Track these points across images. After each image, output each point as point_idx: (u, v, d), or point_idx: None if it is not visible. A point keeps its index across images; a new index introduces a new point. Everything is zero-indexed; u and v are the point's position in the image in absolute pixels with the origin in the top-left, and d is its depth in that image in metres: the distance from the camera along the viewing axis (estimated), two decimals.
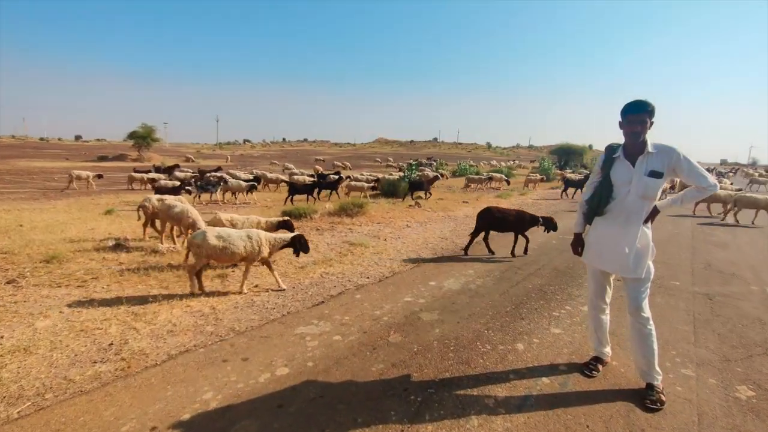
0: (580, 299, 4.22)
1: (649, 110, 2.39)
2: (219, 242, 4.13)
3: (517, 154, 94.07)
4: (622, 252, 2.51)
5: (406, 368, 2.82)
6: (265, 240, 4.33)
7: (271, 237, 4.42)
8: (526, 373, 2.76)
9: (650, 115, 2.39)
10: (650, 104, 2.39)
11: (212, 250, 4.10)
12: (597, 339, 2.85)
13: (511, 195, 15.06)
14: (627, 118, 2.46)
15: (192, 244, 4.19)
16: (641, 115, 2.40)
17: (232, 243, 4.16)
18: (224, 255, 4.17)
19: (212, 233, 4.18)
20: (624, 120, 2.49)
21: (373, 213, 9.50)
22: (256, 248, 4.26)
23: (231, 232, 4.27)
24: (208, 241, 4.11)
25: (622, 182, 2.52)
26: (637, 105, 2.40)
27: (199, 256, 4.16)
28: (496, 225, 6.23)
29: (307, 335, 3.30)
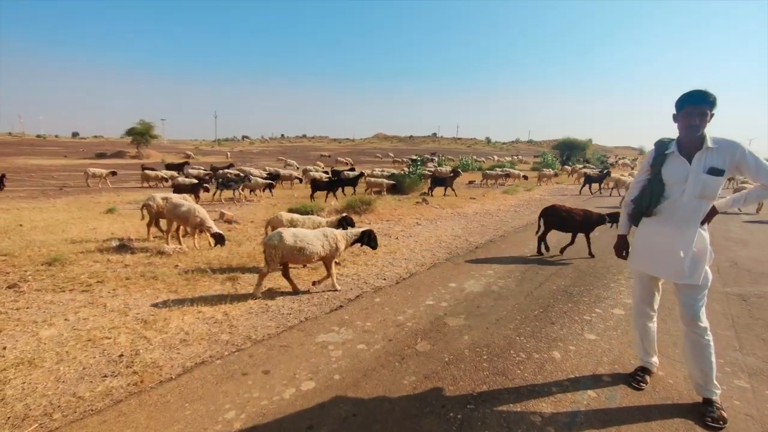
0: (608, 301, 4.04)
1: (711, 101, 2.18)
2: (296, 243, 3.93)
3: (517, 149, 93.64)
4: (677, 256, 2.31)
5: (440, 380, 2.63)
6: (340, 237, 4.22)
7: (344, 233, 4.31)
8: (568, 386, 2.58)
9: (711, 106, 2.19)
10: (712, 95, 2.18)
11: (289, 251, 3.91)
12: (643, 348, 2.66)
13: (517, 190, 14.86)
14: (684, 110, 2.26)
15: (268, 246, 3.93)
16: (702, 106, 2.19)
17: (309, 243, 3.99)
18: (302, 256, 3.99)
19: (288, 234, 3.96)
20: (680, 112, 2.28)
21: (380, 210, 9.29)
22: (333, 246, 4.14)
23: (306, 232, 4.10)
24: (285, 242, 3.89)
25: (676, 180, 2.32)
26: (698, 95, 2.20)
27: (273, 259, 3.93)
28: (561, 224, 5.89)
29: (330, 344, 3.11)
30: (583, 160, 32.58)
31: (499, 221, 8.74)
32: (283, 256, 3.95)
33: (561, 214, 5.86)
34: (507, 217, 9.40)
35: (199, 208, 5.86)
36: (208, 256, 5.43)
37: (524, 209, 10.70)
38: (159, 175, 15.28)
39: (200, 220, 5.76)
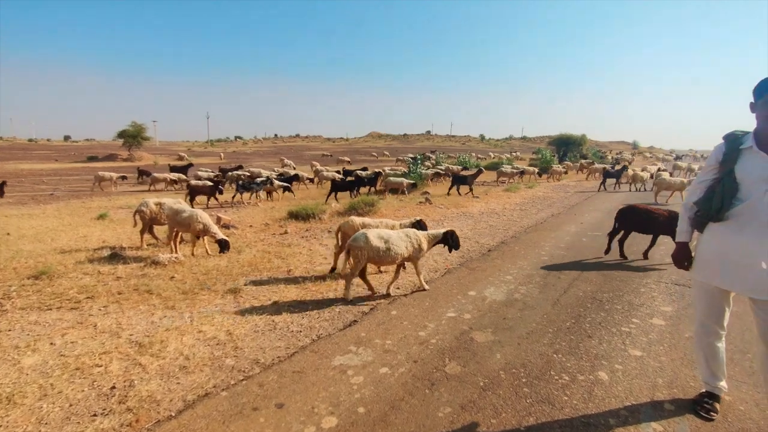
0: (644, 309, 3.74)
1: None
2: (382, 244, 3.92)
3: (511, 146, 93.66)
4: (758, 268, 2.00)
5: (479, 412, 2.31)
6: (423, 237, 4.19)
7: (426, 234, 4.27)
8: (627, 416, 2.27)
9: None
10: None
11: (375, 252, 3.88)
12: (709, 371, 2.34)
13: (518, 188, 14.58)
14: (765, 98, 1.95)
15: (354, 247, 3.89)
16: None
17: (394, 243, 3.98)
18: (387, 257, 3.95)
19: (374, 235, 3.94)
20: (760, 100, 1.97)
21: (384, 211, 8.96)
22: (417, 246, 4.12)
23: (390, 233, 4.06)
24: (371, 243, 3.87)
25: (755, 180, 2.00)
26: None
27: (359, 260, 3.89)
28: (642, 226, 5.47)
29: (349, 368, 2.78)
30: (580, 156, 32.41)
31: (508, 221, 8.44)
32: (369, 258, 3.90)
33: (641, 215, 5.47)
34: (514, 216, 9.10)
35: (201, 213, 5.50)
36: (206, 266, 5.07)
37: (530, 207, 10.41)
38: (169, 178, 14.81)
39: (203, 226, 5.40)
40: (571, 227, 7.71)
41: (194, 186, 10.49)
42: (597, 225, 7.90)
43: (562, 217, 8.93)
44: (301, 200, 11.41)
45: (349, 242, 4.03)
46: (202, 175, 14.40)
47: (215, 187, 10.41)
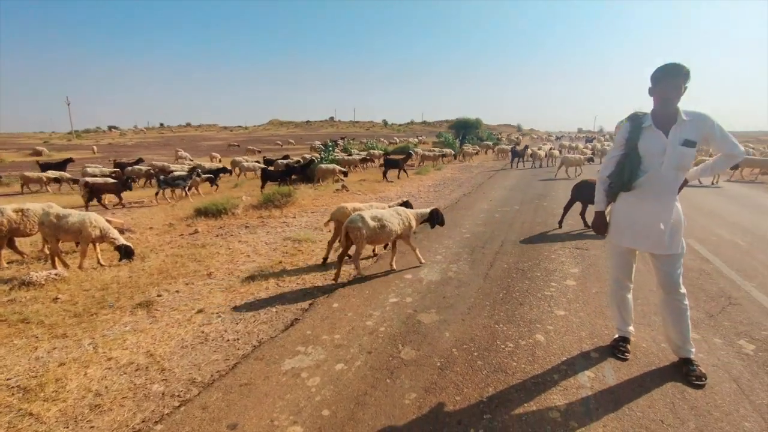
0: (558, 274, 4.21)
1: (685, 74, 2.21)
2: (377, 223, 4.13)
3: (413, 131, 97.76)
4: (657, 228, 2.35)
5: (443, 392, 2.35)
6: (411, 215, 4.48)
7: (414, 212, 4.58)
8: (566, 370, 2.52)
9: (686, 79, 2.22)
10: (686, 67, 2.21)
11: (372, 231, 4.09)
12: (621, 318, 2.73)
13: (428, 170, 15.30)
14: (661, 83, 2.26)
15: (352, 228, 4.06)
16: (677, 79, 2.21)
17: (387, 221, 4.20)
18: (383, 234, 4.19)
19: (368, 215, 4.13)
20: (657, 85, 2.29)
21: (302, 201, 8.61)
22: (407, 223, 4.38)
23: (383, 212, 4.29)
24: (368, 223, 4.08)
25: (654, 153, 2.34)
26: (673, 68, 2.21)
27: (360, 240, 4.07)
28: None
29: (302, 371, 2.60)
30: (477, 138, 35.21)
31: (425, 203, 8.78)
32: (367, 236, 4.08)
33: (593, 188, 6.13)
34: (430, 197, 9.52)
35: (95, 217, 4.60)
36: (102, 280, 4.28)
37: (443, 189, 10.99)
38: (45, 177, 11.98)
39: (100, 231, 4.53)
40: (483, 205, 8.34)
41: (96, 184, 8.81)
42: (504, 201, 8.68)
43: (473, 196, 9.61)
44: (207, 195, 10.37)
45: (346, 224, 4.14)
46: (94, 172, 12.11)
47: (124, 183, 9.00)
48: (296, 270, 4.55)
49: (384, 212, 4.32)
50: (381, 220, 4.17)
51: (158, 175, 10.29)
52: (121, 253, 4.70)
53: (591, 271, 4.25)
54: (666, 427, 2.03)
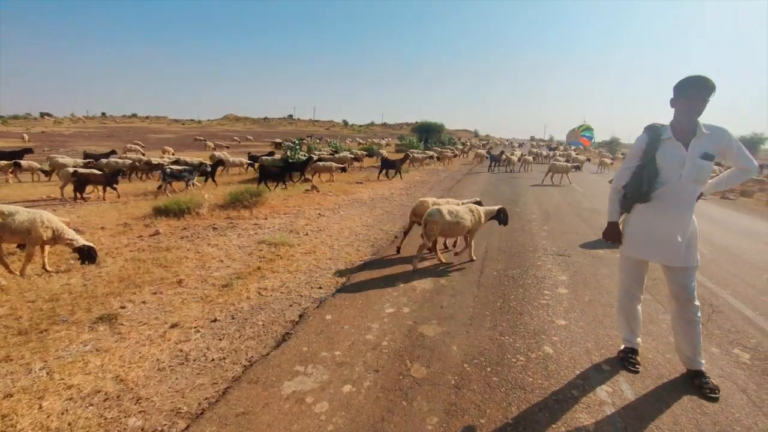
0: (548, 281, 4.22)
1: (711, 87, 2.22)
2: (452, 218, 4.40)
3: (374, 132, 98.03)
4: (675, 241, 2.36)
5: (465, 413, 2.19)
6: (483, 212, 4.77)
7: (485, 209, 4.85)
8: (583, 385, 2.46)
9: (711, 93, 2.23)
10: (712, 81, 2.22)
11: (447, 225, 4.38)
12: (630, 330, 2.72)
13: (327, 177, 15.17)
14: (688, 95, 2.26)
15: (430, 221, 4.34)
16: (703, 92, 2.22)
17: (461, 218, 4.48)
18: (457, 229, 4.49)
19: (445, 210, 4.40)
20: (683, 96, 2.28)
21: (272, 202, 8.16)
22: (477, 219, 4.68)
23: (458, 209, 4.57)
24: (445, 218, 4.35)
25: (673, 165, 2.33)
26: (703, 82, 2.21)
27: (433, 233, 4.35)
28: None
29: (306, 395, 2.33)
30: (439, 142, 35.80)
31: (400, 206, 8.66)
32: (441, 230, 4.39)
33: None
34: (404, 200, 9.41)
35: (49, 216, 3.98)
36: (50, 289, 3.70)
37: (414, 191, 10.94)
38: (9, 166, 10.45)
39: (54, 231, 3.92)
40: None
41: (84, 174, 8.21)
42: None
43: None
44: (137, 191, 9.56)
45: (425, 217, 4.44)
46: (66, 163, 10.87)
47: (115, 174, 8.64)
48: (278, 277, 4.21)
49: (459, 208, 4.58)
50: (456, 215, 4.45)
51: (164, 168, 9.66)
52: (82, 256, 4.11)
53: (578, 279, 4.30)
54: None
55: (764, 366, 2.73)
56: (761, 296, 3.98)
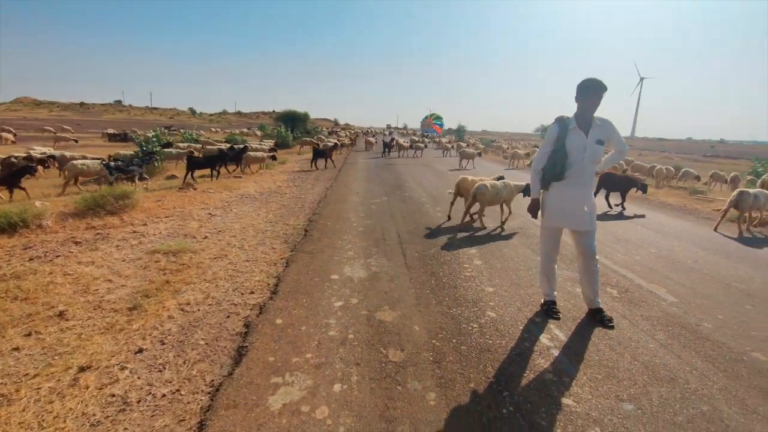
0: (463, 255, 4.75)
1: (604, 88, 2.85)
2: (494, 191, 5.87)
3: (228, 121, 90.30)
4: (582, 210, 2.99)
5: (455, 383, 2.40)
6: (515, 187, 6.20)
7: (516, 184, 6.25)
8: (529, 338, 2.94)
9: (605, 93, 2.86)
10: (605, 84, 2.85)
11: (492, 196, 5.85)
12: (549, 286, 3.34)
13: (274, 165, 14.48)
14: (587, 94, 2.85)
15: (480, 193, 5.79)
16: (601, 93, 2.84)
17: (501, 190, 5.96)
18: (497, 198, 5.97)
19: (489, 184, 5.90)
20: (585, 95, 2.87)
21: (145, 205, 6.91)
22: (512, 192, 6.16)
23: (496, 183, 6.00)
24: (490, 190, 5.81)
25: (578, 150, 2.94)
26: (600, 84, 2.82)
27: (485, 201, 5.88)
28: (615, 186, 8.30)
29: (299, 404, 2.18)
30: (305, 131, 35.16)
31: (294, 198, 8.36)
32: (489, 200, 5.84)
33: (615, 177, 8.32)
34: (295, 192, 9.10)
35: None
36: None
37: (301, 183, 10.64)
38: None
39: None
40: (354, 198, 8.51)
41: None
42: (370, 194, 9.07)
43: (337, 189, 9.66)
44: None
45: (474, 191, 5.87)
46: None
47: None
48: (196, 288, 3.68)
49: (497, 183, 6.02)
50: (496, 188, 5.89)
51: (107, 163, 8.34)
52: None
53: (485, 251, 4.97)
54: (615, 360, 2.65)
55: (626, 297, 3.71)
56: (623, 257, 5.30)
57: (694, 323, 3.25)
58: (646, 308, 3.50)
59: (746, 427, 2.11)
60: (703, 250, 5.47)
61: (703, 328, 3.19)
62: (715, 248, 5.63)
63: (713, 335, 3.07)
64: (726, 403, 2.29)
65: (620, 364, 2.63)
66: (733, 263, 4.94)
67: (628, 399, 2.30)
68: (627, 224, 6.94)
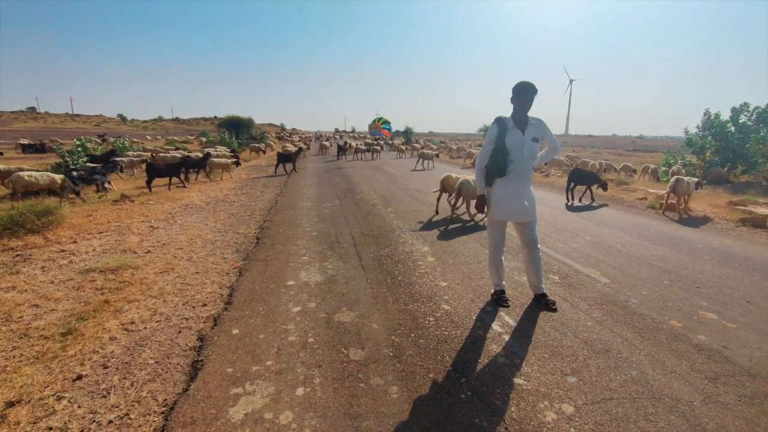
0: (416, 253, 4.89)
1: (536, 90, 3.10)
2: (473, 185, 6.26)
3: (165, 128, 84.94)
4: (523, 203, 3.23)
5: (416, 375, 2.49)
6: None
7: None
8: (482, 326, 3.10)
9: (536, 94, 3.11)
10: (536, 86, 3.10)
11: (475, 191, 5.85)
12: (498, 276, 3.54)
13: (219, 173, 13.87)
14: (521, 96, 3.08)
15: (464, 188, 6.47)
16: (533, 94, 3.08)
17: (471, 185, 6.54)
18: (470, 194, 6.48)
19: (472, 180, 6.39)
20: (518, 96, 3.10)
21: (73, 221, 6.33)
22: None
23: (470, 178, 6.50)
24: (473, 185, 6.29)
25: (517, 147, 3.17)
26: (532, 86, 3.06)
27: (470, 196, 6.47)
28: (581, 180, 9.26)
29: (262, 412, 2.15)
30: (250, 137, 34.05)
31: (243, 206, 8.08)
32: (471, 194, 6.39)
33: (582, 172, 9.26)
34: (244, 200, 8.80)
35: None
36: None
37: (250, 189, 10.31)
38: None
39: None
40: (305, 202, 8.41)
41: None
42: (322, 198, 9.00)
43: (288, 195, 9.47)
44: None
45: (458, 186, 6.53)
46: None
47: None
48: (141, 305, 3.47)
49: (470, 178, 6.45)
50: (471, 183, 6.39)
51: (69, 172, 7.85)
52: None
53: (437, 248, 5.15)
54: (559, 340, 2.88)
55: (566, 281, 4.03)
56: (562, 246, 5.71)
57: (623, 300, 3.62)
58: (584, 290, 3.83)
59: (666, 385, 2.40)
60: (629, 235, 6.07)
61: (631, 303, 3.55)
62: (639, 232, 6.28)
63: (639, 309, 3.44)
64: (651, 366, 2.59)
65: (564, 343, 2.87)
66: (653, 245, 5.54)
67: (572, 373, 2.52)
68: (564, 215, 7.52)
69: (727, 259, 4.97)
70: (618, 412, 2.16)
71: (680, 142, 18.45)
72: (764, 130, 14.66)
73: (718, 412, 2.18)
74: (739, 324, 3.22)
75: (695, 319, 3.29)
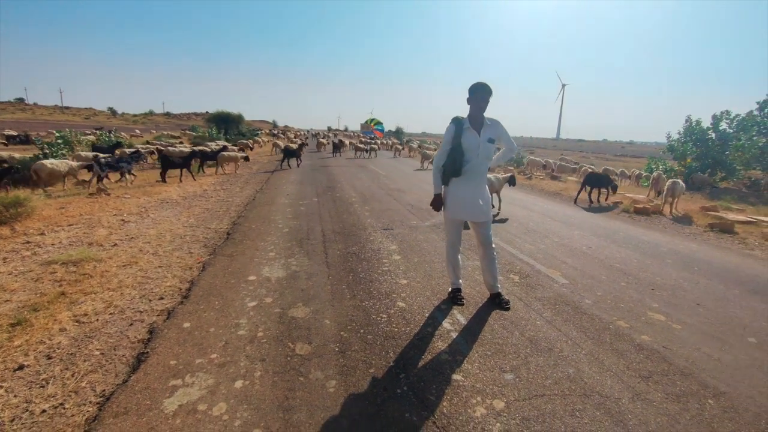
0: (383, 252, 4.93)
1: (490, 91, 3.15)
2: (488, 183, 5.61)
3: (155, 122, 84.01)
4: (478, 203, 3.28)
5: (356, 370, 2.52)
6: (503, 178, 7.95)
7: (503, 176, 8.01)
8: (432, 323, 3.15)
9: (491, 95, 3.16)
10: (491, 87, 3.15)
11: None
12: (455, 275, 3.60)
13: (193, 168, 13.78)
14: (476, 96, 3.13)
15: None
16: (488, 95, 3.13)
17: (492, 183, 7.39)
18: (491, 189, 6.44)
19: None
20: (474, 97, 3.15)
21: (45, 213, 6.27)
22: (502, 183, 7.90)
23: (489, 177, 6.38)
24: None
25: (473, 148, 3.21)
26: (487, 87, 3.11)
27: None
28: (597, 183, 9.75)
29: (196, 404, 2.17)
30: (239, 133, 33.86)
31: (219, 202, 8.06)
32: None
33: (597, 176, 9.73)
34: (222, 195, 8.78)
35: None
36: None
37: (231, 186, 10.27)
38: None
39: None
40: (283, 199, 8.40)
41: None
42: (300, 195, 9.01)
43: (267, 192, 9.45)
44: None
45: None
46: None
47: None
48: (97, 298, 3.46)
49: (490, 176, 6.94)
50: (490, 181, 6.68)
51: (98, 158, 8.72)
52: None
53: (405, 246, 5.19)
54: (506, 338, 2.94)
55: (525, 281, 4.10)
56: (529, 247, 5.79)
57: (577, 300, 3.70)
58: (541, 291, 3.90)
59: (599, 382, 2.47)
60: (597, 237, 6.18)
61: (584, 303, 3.63)
62: (608, 235, 6.39)
63: (590, 309, 3.52)
64: (588, 364, 2.66)
65: (509, 341, 2.93)
66: (619, 247, 5.65)
67: (510, 370, 2.58)
68: (537, 217, 7.61)
69: (688, 263, 5.09)
70: (546, 408, 2.22)
71: (664, 148, 18.78)
72: (744, 138, 14.97)
73: (642, 409, 2.25)
74: (685, 325, 3.31)
75: (643, 320, 3.37)
